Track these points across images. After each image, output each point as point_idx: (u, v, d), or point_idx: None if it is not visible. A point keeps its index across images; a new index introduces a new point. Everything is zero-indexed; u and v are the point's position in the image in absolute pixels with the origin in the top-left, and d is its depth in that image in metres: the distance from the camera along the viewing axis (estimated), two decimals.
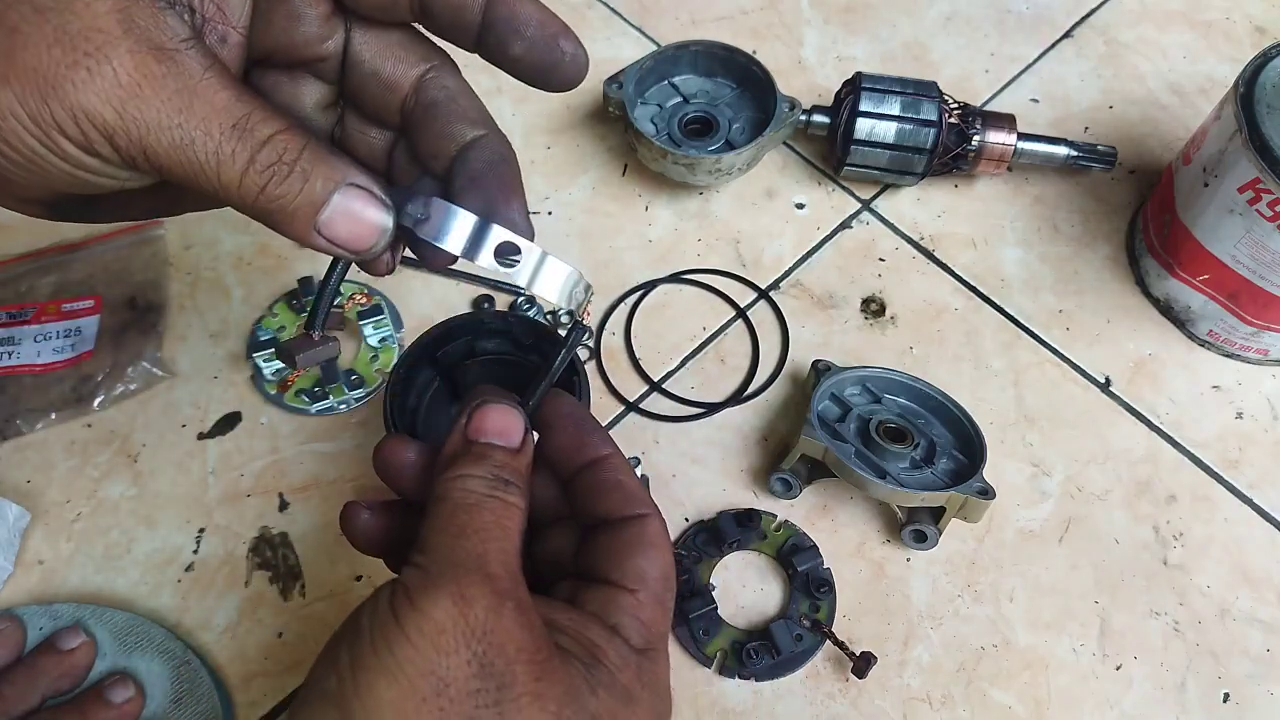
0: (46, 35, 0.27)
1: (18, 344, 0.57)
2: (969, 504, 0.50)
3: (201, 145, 0.28)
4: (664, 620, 0.32)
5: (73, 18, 0.27)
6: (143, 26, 0.28)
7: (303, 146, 0.29)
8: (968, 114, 0.64)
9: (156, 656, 0.48)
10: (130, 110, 0.27)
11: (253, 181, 0.29)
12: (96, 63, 0.27)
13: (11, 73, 0.27)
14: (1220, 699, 0.50)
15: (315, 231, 0.30)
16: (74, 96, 0.27)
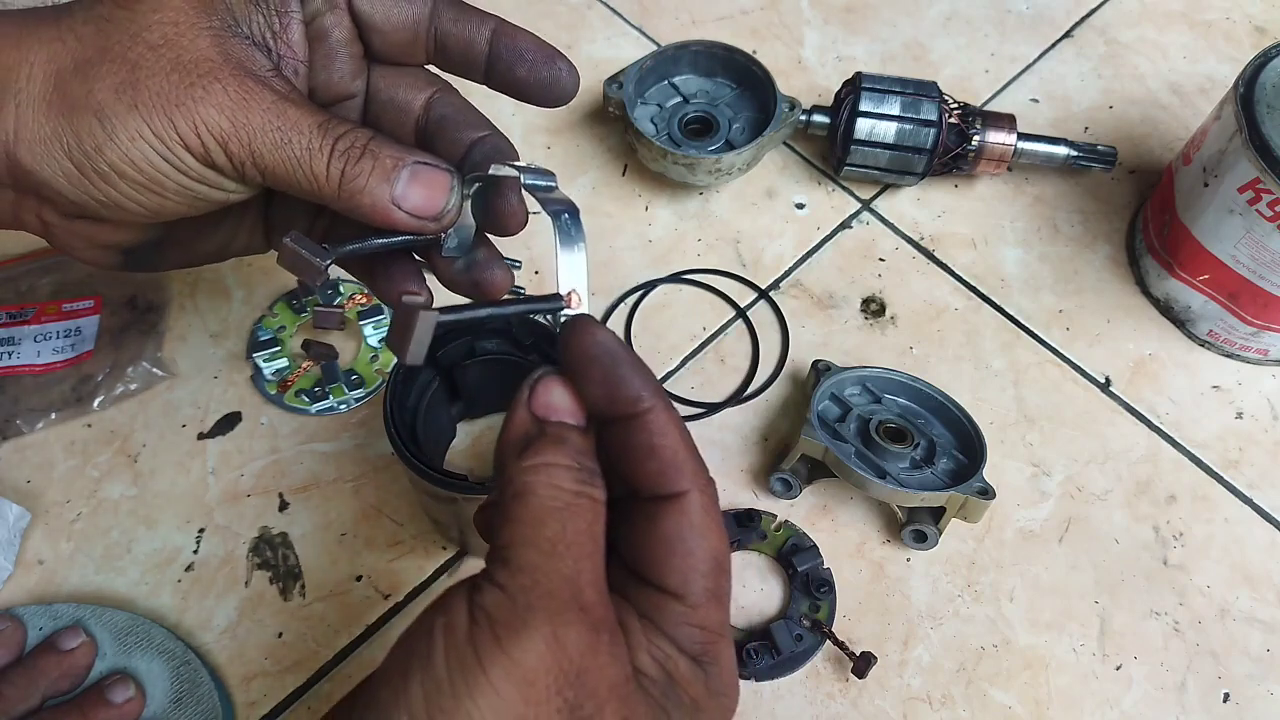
0: (164, 66, 0.33)
1: (18, 344, 0.57)
2: (969, 504, 0.50)
3: (296, 143, 0.34)
4: (721, 616, 0.29)
5: (183, 51, 0.33)
6: (238, 58, 0.34)
7: (370, 136, 0.35)
8: (968, 114, 0.64)
9: (156, 656, 0.48)
10: (240, 118, 0.33)
11: (336, 167, 0.34)
12: (209, 83, 0.33)
13: (139, 99, 0.33)
14: (1220, 699, 0.50)
15: (393, 205, 0.34)
16: (194, 110, 0.33)
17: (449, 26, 0.39)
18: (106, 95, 0.33)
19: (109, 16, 0.34)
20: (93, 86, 0.33)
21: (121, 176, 0.34)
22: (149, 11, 0.34)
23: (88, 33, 0.34)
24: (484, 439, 0.57)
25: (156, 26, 0.34)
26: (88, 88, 0.33)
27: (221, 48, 0.34)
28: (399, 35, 0.39)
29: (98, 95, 0.33)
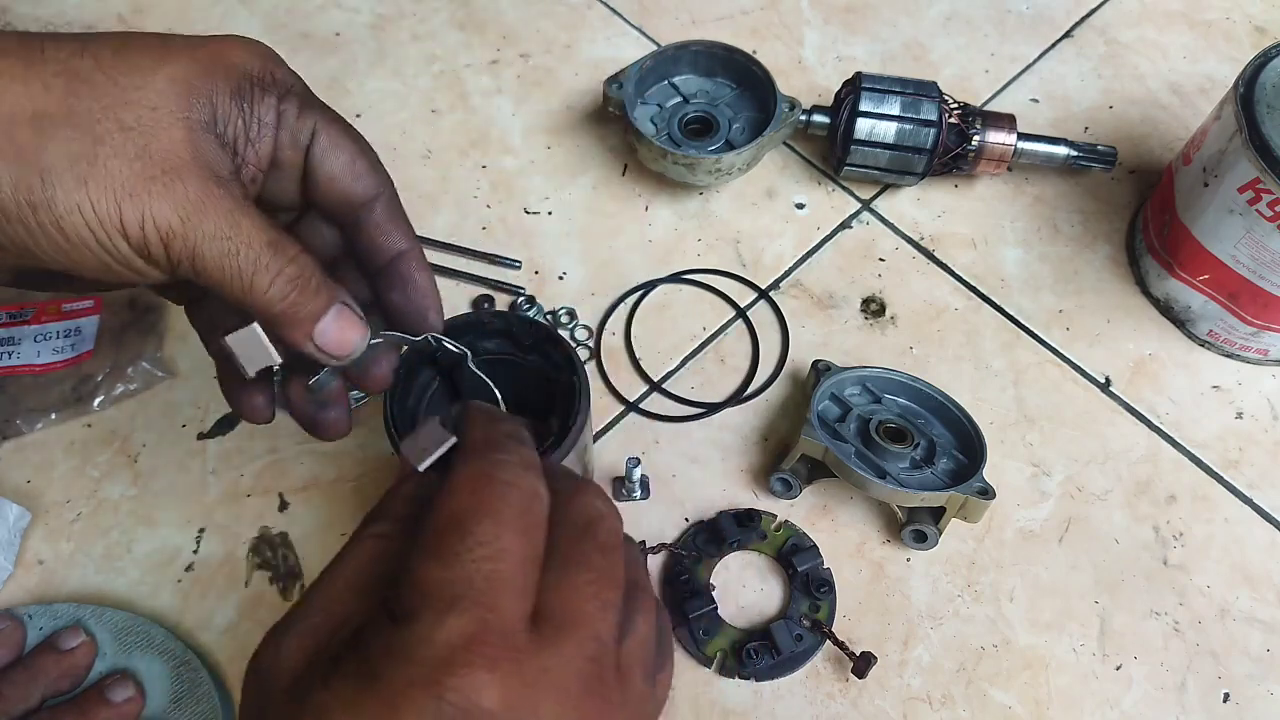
0: (130, 151, 0.32)
1: (18, 344, 0.57)
2: (969, 504, 0.50)
3: (244, 255, 0.33)
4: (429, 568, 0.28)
5: (154, 140, 0.32)
6: (206, 156, 0.33)
7: (315, 267, 0.35)
8: (968, 114, 0.64)
9: (156, 656, 0.48)
10: (193, 220, 0.32)
11: (278, 289, 0.34)
12: (171, 180, 0.32)
13: (91, 176, 0.31)
14: (1220, 699, 0.50)
15: (309, 340, 0.36)
16: (148, 203, 0.32)
17: (375, 225, 0.39)
18: (58, 160, 0.31)
19: (85, 76, 0.32)
20: (46, 145, 0.31)
21: (43, 232, 0.32)
22: (131, 87, 0.32)
23: (57, 85, 0.32)
24: None
25: (134, 106, 0.32)
26: (40, 143, 0.31)
27: (193, 143, 0.33)
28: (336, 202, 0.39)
29: (49, 156, 0.31)
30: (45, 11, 0.73)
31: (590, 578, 0.30)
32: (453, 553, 0.28)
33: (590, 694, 0.28)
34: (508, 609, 0.27)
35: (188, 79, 0.33)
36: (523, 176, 0.67)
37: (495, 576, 0.28)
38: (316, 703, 0.27)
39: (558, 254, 0.64)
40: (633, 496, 0.55)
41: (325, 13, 0.75)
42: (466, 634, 0.26)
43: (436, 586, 0.27)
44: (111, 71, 0.32)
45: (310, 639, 0.29)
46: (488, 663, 0.26)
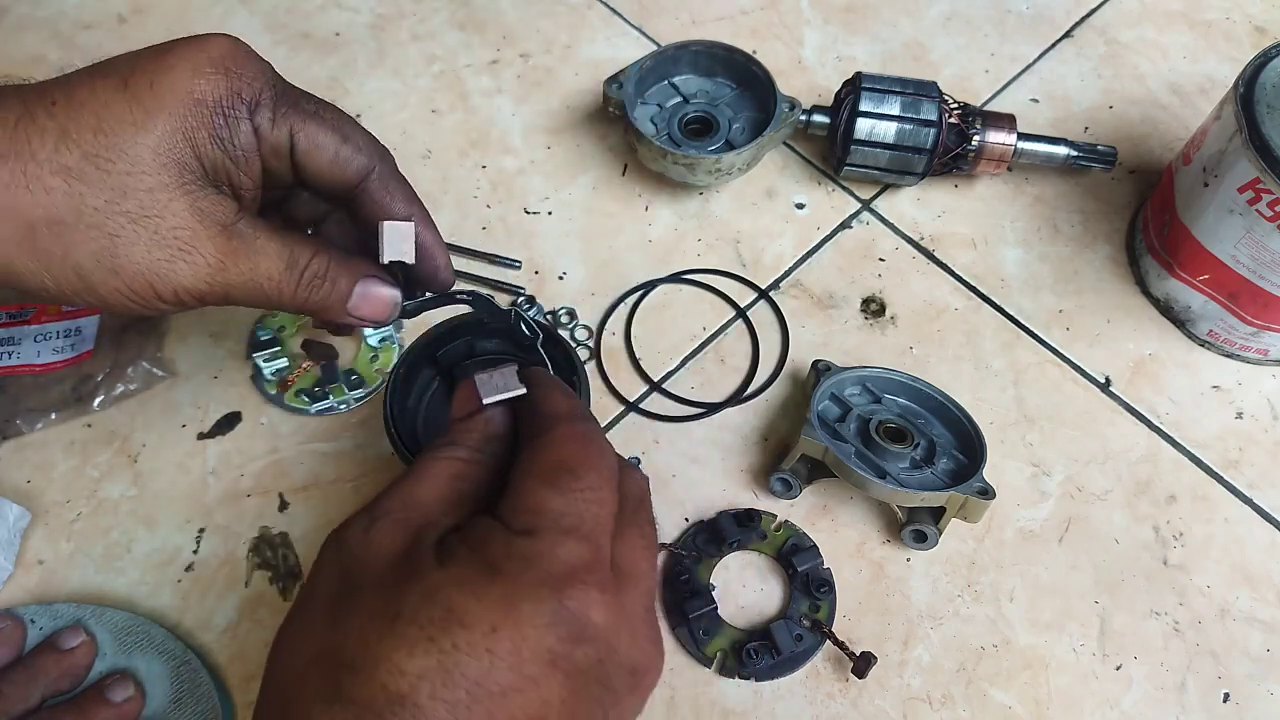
0: (145, 240, 0.35)
1: (18, 344, 0.57)
2: (969, 504, 0.50)
3: (266, 283, 0.38)
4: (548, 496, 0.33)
5: (162, 221, 0.35)
6: (210, 213, 0.36)
7: (328, 262, 0.39)
8: (968, 114, 0.64)
9: (156, 656, 0.48)
10: (218, 279, 0.37)
11: (302, 295, 0.39)
12: (189, 254, 0.36)
13: (118, 267, 0.35)
14: (1220, 699, 0.50)
15: (348, 314, 0.40)
16: (175, 280, 0.36)
17: (371, 198, 0.42)
18: (84, 259, 0.35)
19: (79, 172, 0.34)
20: (69, 249, 0.35)
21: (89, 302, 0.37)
22: (123, 173, 0.35)
23: (57, 186, 0.34)
24: None
25: (133, 194, 0.35)
26: (64, 248, 0.35)
27: (195, 208, 0.36)
28: (328, 187, 0.41)
29: (75, 257, 0.35)
30: (45, 12, 0.73)
31: (644, 542, 0.35)
32: (569, 490, 0.33)
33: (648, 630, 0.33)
34: (607, 548, 0.33)
35: (170, 147, 0.35)
36: (523, 176, 0.67)
37: (599, 519, 0.33)
38: (432, 581, 0.30)
39: (558, 254, 0.64)
40: None
41: (325, 13, 0.74)
42: (584, 559, 0.31)
43: (555, 514, 0.32)
44: (99, 160, 0.34)
45: (403, 530, 0.32)
46: (598, 586, 0.31)
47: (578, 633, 0.30)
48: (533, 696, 0.29)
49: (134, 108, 0.35)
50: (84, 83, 0.36)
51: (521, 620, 0.29)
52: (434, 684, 0.28)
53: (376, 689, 0.28)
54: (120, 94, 0.35)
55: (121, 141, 0.35)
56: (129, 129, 0.35)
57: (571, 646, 0.30)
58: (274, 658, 0.32)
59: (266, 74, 0.39)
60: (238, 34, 0.40)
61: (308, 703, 0.29)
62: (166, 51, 0.37)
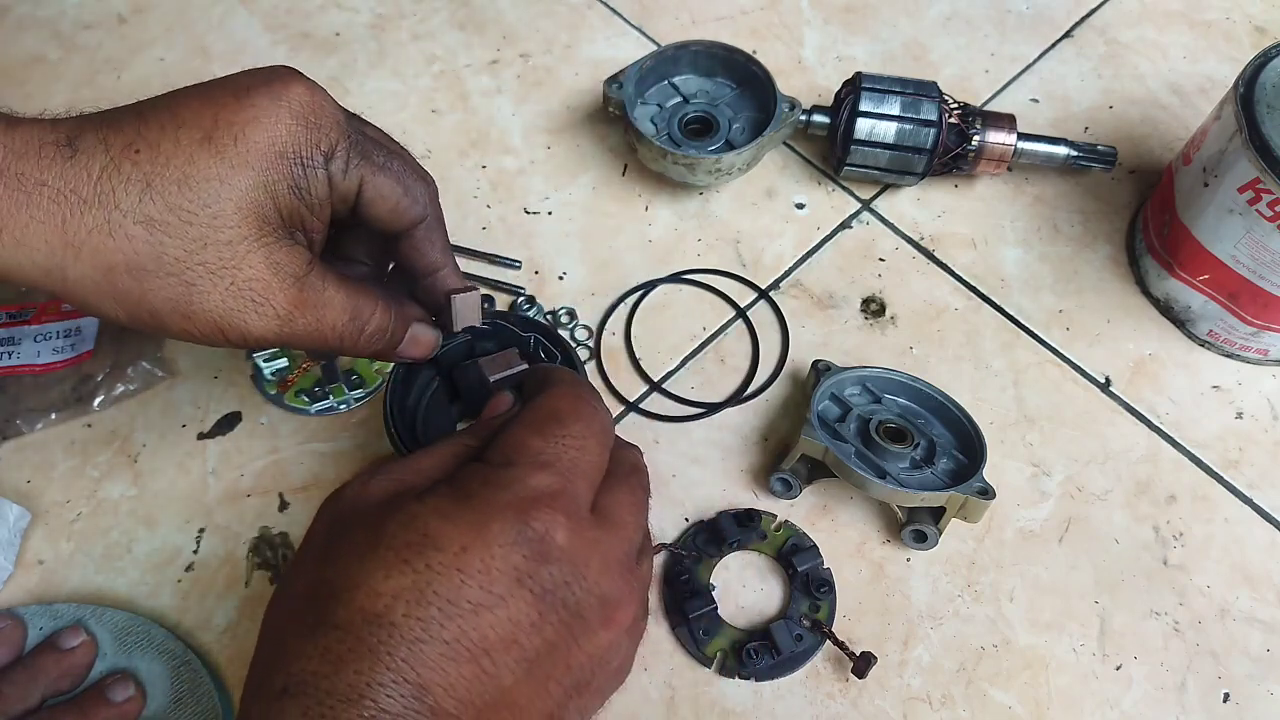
0: (220, 290, 0.37)
1: (18, 344, 0.57)
2: (969, 504, 0.50)
3: (330, 332, 0.40)
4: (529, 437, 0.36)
5: (238, 273, 0.37)
6: (285, 266, 0.38)
7: (390, 316, 0.42)
8: (968, 114, 0.64)
9: (156, 656, 0.48)
10: (286, 329, 0.38)
11: (363, 346, 0.42)
12: (262, 306, 0.37)
13: (192, 314, 0.37)
14: (1220, 699, 0.50)
15: (395, 356, 0.44)
16: (244, 327, 0.38)
17: (413, 245, 0.44)
18: (160, 303, 0.36)
19: (162, 223, 0.36)
20: (146, 294, 0.36)
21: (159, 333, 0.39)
22: (204, 225, 0.36)
23: (139, 235, 0.35)
24: None
25: (212, 246, 0.36)
26: (141, 292, 0.36)
27: (271, 261, 0.37)
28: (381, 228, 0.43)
29: (151, 301, 0.36)
30: (45, 12, 0.73)
31: (630, 499, 0.38)
32: (551, 434, 0.36)
33: (622, 575, 0.35)
34: (581, 487, 0.35)
35: (252, 201, 0.37)
36: (523, 176, 0.67)
37: (578, 462, 0.35)
38: (409, 511, 0.32)
39: (558, 254, 0.64)
40: None
41: (325, 13, 0.75)
42: (553, 488, 0.34)
43: (533, 451, 0.35)
44: (182, 213, 0.36)
45: (396, 485, 0.35)
46: (564, 512, 0.33)
47: (542, 551, 0.32)
48: (501, 615, 0.31)
49: (218, 163, 0.36)
50: (168, 132, 0.36)
51: (490, 539, 0.31)
52: (408, 603, 0.30)
53: (355, 611, 0.30)
54: (205, 148, 0.36)
55: (205, 196, 0.36)
56: (213, 184, 0.36)
57: (537, 565, 0.32)
58: (270, 603, 0.34)
59: (341, 123, 0.40)
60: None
61: (294, 634, 0.31)
62: (246, 100, 0.37)
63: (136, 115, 0.37)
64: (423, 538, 0.31)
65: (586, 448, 0.36)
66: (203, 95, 0.38)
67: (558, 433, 0.36)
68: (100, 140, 0.36)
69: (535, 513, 0.32)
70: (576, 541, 0.33)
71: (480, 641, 0.30)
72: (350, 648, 0.30)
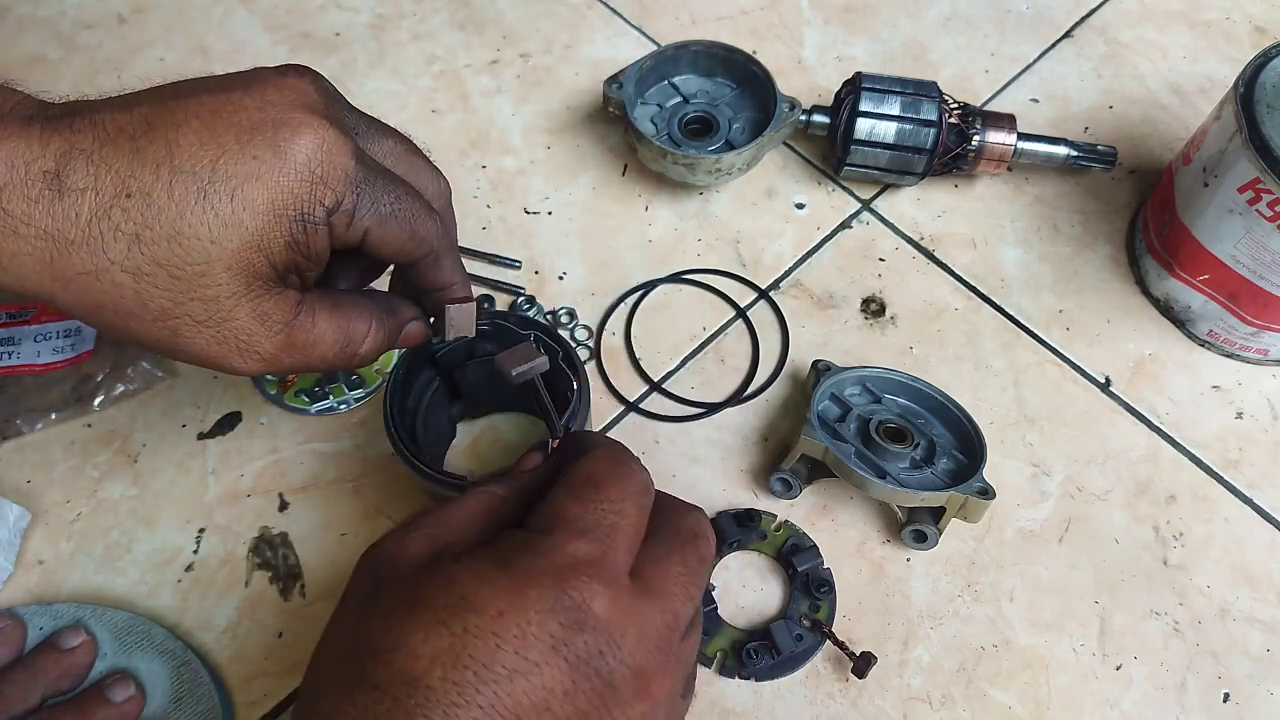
0: (205, 337, 0.37)
1: (18, 344, 0.57)
2: (969, 504, 0.50)
3: (320, 363, 0.40)
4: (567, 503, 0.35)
5: (224, 325, 0.37)
6: (272, 315, 0.38)
7: (383, 333, 0.42)
8: (968, 114, 0.64)
9: (156, 656, 0.48)
10: (273, 368, 0.39)
11: (357, 364, 0.42)
12: (248, 350, 0.38)
13: (177, 352, 0.38)
14: (1220, 699, 0.50)
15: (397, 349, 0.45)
16: (232, 368, 0.38)
17: (419, 272, 0.43)
18: (147, 340, 0.37)
19: (150, 276, 0.35)
20: (132, 331, 0.37)
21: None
22: (191, 279, 0.36)
23: (125, 283, 0.35)
24: (484, 439, 0.57)
25: (199, 301, 0.36)
26: (129, 328, 0.37)
27: (259, 313, 0.38)
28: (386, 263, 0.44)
29: (138, 336, 0.37)
30: (46, 11, 0.73)
31: (681, 570, 0.36)
32: (588, 499, 0.35)
33: (660, 646, 0.34)
34: (620, 554, 0.34)
35: (242, 260, 0.36)
36: (523, 176, 0.67)
37: (616, 528, 0.35)
38: (448, 573, 0.32)
39: (558, 254, 0.64)
40: None
41: (325, 13, 0.75)
42: (592, 556, 0.33)
43: (572, 517, 0.34)
44: (170, 268, 0.35)
45: (432, 542, 0.35)
46: (603, 581, 0.32)
47: (578, 619, 0.31)
48: (535, 682, 0.30)
49: (212, 221, 0.35)
50: (162, 177, 0.35)
51: (527, 605, 0.31)
52: (445, 665, 0.30)
53: (394, 672, 0.30)
54: (199, 204, 0.35)
55: (195, 255, 0.35)
56: (204, 244, 0.35)
57: (572, 633, 0.31)
58: (311, 660, 0.34)
59: (350, 174, 0.38)
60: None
61: (334, 690, 0.31)
62: (249, 146, 0.36)
63: (131, 145, 0.35)
64: (461, 600, 0.31)
65: (624, 511, 0.35)
66: (205, 125, 0.36)
67: (595, 497, 0.35)
68: (91, 177, 0.34)
69: (573, 580, 0.32)
70: (614, 610, 0.32)
71: (514, 707, 0.30)
72: (388, 708, 0.30)
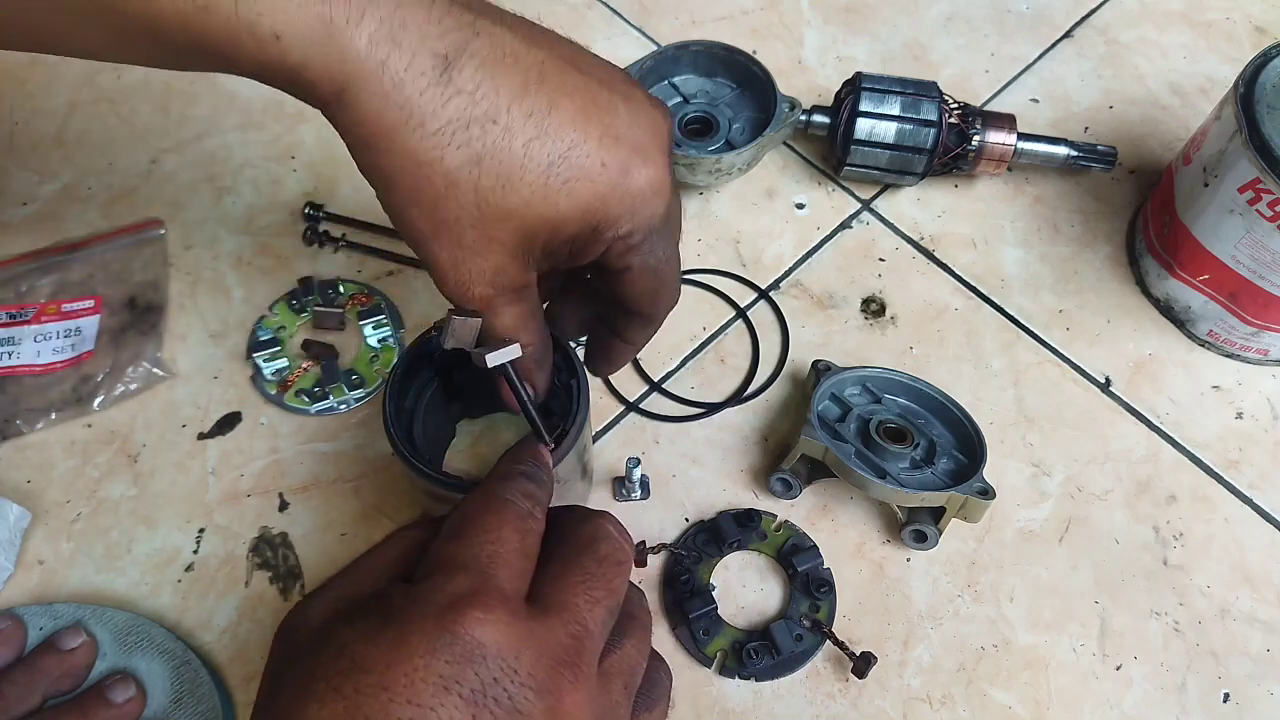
0: (453, 256, 0.39)
1: (18, 344, 0.57)
2: (969, 504, 0.50)
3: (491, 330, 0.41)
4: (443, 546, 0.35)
5: (472, 256, 0.39)
6: (506, 274, 0.39)
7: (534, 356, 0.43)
8: (968, 114, 0.64)
9: (156, 656, 0.48)
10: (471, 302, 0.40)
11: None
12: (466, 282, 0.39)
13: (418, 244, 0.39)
14: (1220, 699, 0.50)
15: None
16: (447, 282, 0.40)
17: (623, 323, 0.46)
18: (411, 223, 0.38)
19: (462, 188, 0.37)
20: (406, 213, 0.38)
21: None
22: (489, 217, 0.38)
23: (438, 183, 0.37)
24: (483, 439, 0.57)
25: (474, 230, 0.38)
26: (401, 210, 0.38)
27: (499, 269, 0.39)
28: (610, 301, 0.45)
29: (408, 218, 0.38)
30: None
31: (581, 579, 0.35)
32: (462, 536, 0.35)
33: (565, 665, 0.33)
34: (504, 578, 0.34)
35: (532, 228, 0.38)
36: None
37: (495, 555, 0.34)
38: (340, 638, 0.32)
39: None
40: (633, 496, 0.55)
41: None
42: (471, 588, 0.33)
43: (448, 557, 0.34)
44: (482, 195, 0.37)
45: (333, 604, 0.35)
46: (485, 610, 0.32)
47: (464, 653, 0.31)
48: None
49: (536, 190, 0.37)
50: (528, 129, 0.37)
51: (410, 652, 0.31)
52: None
53: None
54: (540, 171, 0.37)
55: (506, 202, 0.37)
56: (519, 201, 0.37)
57: (461, 668, 0.31)
58: None
59: (655, 219, 0.40)
60: None
61: None
62: (601, 154, 0.38)
63: (521, 80, 0.37)
64: (351, 663, 0.31)
65: (502, 539, 0.35)
66: (583, 110, 0.38)
67: (469, 532, 0.35)
68: (476, 85, 0.36)
69: (452, 616, 0.32)
70: (502, 635, 0.32)
71: None
72: None
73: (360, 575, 0.36)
